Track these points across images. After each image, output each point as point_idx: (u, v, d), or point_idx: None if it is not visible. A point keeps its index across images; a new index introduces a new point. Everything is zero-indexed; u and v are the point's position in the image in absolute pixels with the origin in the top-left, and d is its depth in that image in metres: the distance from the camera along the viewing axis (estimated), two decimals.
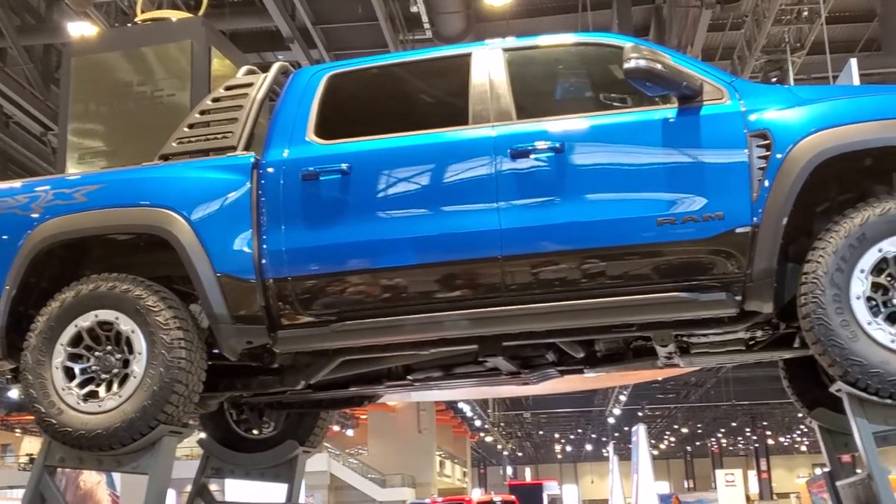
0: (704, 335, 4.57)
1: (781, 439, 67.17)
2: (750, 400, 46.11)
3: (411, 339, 4.43)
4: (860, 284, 3.87)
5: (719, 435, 66.71)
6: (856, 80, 9.95)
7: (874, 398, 3.80)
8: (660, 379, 37.34)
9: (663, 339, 4.47)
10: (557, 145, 4.23)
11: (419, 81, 5.00)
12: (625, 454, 47.46)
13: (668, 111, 4.24)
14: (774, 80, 15.37)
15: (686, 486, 71.62)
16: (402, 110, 4.99)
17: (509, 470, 71.54)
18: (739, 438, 67.23)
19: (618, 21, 16.03)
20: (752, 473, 60.49)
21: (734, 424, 59.79)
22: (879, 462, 3.78)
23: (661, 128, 4.22)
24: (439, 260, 4.28)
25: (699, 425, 62.25)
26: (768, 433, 61.53)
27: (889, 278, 3.88)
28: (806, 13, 14.49)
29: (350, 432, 46.00)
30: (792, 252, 4.13)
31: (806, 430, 62.27)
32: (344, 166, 4.41)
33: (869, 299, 3.86)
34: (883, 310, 3.85)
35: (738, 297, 4.08)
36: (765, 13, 14.14)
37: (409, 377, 5.17)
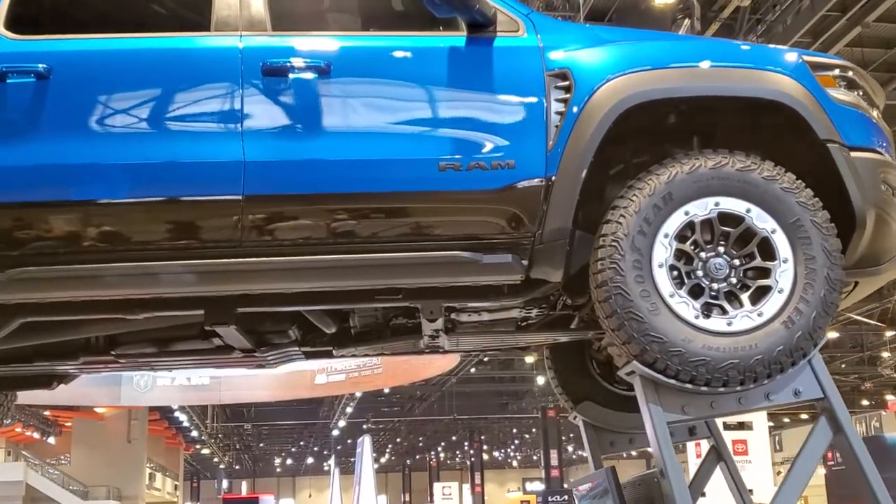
0: (478, 308, 3.93)
1: (496, 454, 69.56)
2: (470, 414, 47.09)
3: (116, 294, 3.45)
4: (664, 251, 3.35)
5: (439, 449, 68.01)
6: None
7: (672, 382, 3.28)
8: (386, 391, 37.35)
9: (433, 312, 3.75)
10: (323, 65, 3.45)
11: None
12: (346, 468, 46.99)
13: (456, 39, 3.57)
14: None
15: (403, 499, 72.38)
16: (122, 9, 3.99)
17: (225, 483, 69.23)
18: (457, 452, 68.83)
19: None
20: (467, 487, 62.00)
21: (454, 438, 61.06)
22: (674, 456, 3.27)
23: (447, 57, 3.55)
24: (160, 196, 3.37)
25: (420, 439, 63.12)
26: (485, 448, 63.44)
27: (694, 246, 3.39)
28: None
29: (52, 440, 42.53)
30: (581, 218, 3.57)
31: (519, 444, 65.01)
32: (41, 67, 3.40)
33: (672, 268, 3.36)
34: (686, 281, 3.36)
35: (525, 262, 3.47)
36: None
37: (113, 352, 4.15)
